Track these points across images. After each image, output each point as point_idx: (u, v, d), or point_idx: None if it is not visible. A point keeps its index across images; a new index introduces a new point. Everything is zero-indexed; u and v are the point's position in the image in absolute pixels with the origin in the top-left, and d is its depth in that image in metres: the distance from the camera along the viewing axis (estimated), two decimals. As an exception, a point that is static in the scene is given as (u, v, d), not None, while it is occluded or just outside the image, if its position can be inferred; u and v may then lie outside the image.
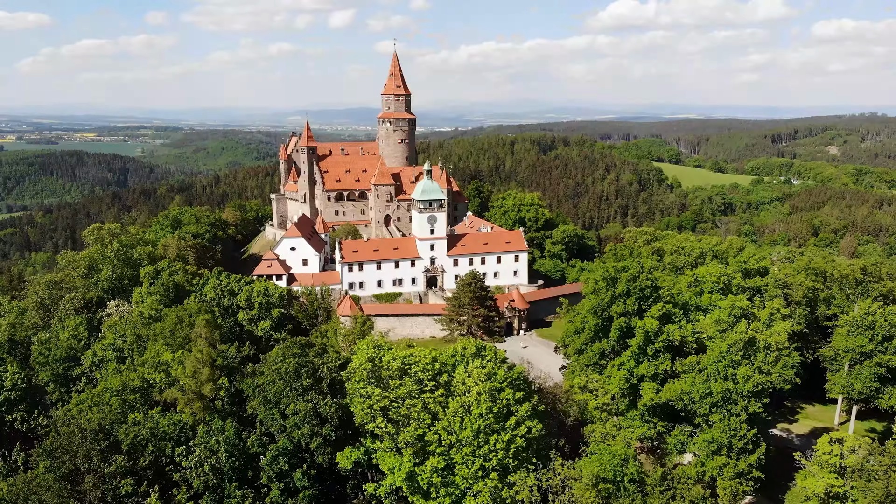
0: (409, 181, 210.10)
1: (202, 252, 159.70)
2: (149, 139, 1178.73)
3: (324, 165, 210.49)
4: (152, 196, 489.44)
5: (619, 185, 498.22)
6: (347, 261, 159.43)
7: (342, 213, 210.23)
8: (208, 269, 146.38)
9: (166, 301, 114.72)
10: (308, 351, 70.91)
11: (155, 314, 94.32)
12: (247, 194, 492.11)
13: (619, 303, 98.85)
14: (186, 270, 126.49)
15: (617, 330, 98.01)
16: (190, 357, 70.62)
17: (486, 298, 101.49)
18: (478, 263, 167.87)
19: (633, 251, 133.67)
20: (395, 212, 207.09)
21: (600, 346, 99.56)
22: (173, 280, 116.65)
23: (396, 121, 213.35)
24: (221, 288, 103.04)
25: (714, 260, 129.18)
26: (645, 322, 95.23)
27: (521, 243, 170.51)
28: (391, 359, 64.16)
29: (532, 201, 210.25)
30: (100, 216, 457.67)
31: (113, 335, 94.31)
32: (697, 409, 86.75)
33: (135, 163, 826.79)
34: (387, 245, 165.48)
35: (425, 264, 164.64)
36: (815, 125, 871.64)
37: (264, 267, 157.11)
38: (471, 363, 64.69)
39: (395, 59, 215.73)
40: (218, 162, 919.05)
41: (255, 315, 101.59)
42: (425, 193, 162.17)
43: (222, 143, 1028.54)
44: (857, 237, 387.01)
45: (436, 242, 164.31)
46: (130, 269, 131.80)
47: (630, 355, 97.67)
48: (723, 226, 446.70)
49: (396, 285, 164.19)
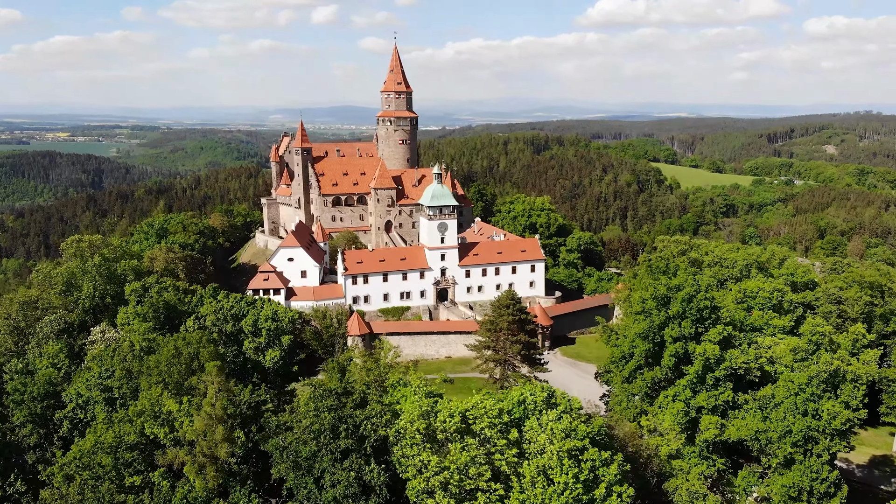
0: (412, 184, 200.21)
1: (193, 265, 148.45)
2: (124, 139, 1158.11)
3: (319, 168, 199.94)
4: (130, 199, 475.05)
5: (618, 186, 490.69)
6: (351, 273, 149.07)
7: (340, 219, 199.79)
8: (200, 283, 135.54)
9: (156, 322, 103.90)
10: (345, 401, 60.27)
11: (147, 345, 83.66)
12: (230, 197, 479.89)
13: (674, 326, 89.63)
14: (177, 287, 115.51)
15: (672, 356, 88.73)
16: (201, 414, 60.14)
17: (527, 322, 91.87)
18: (491, 274, 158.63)
19: (668, 263, 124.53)
20: (397, 217, 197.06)
21: (652, 374, 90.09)
22: (163, 299, 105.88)
23: (397, 120, 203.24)
24: (223, 312, 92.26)
25: (759, 272, 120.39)
26: (705, 348, 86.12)
27: (538, 252, 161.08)
28: (449, 415, 53.59)
29: (543, 205, 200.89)
30: (74, 220, 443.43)
31: (99, 368, 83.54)
32: (775, 449, 77.50)
33: (110, 163, 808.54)
34: (393, 255, 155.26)
35: (435, 276, 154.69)
36: (811, 124, 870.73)
37: (260, 280, 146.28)
38: (544, 415, 54.80)
39: (396, 54, 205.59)
40: (197, 162, 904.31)
41: (263, 343, 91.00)
42: (435, 199, 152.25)
43: (201, 143, 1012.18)
44: (865, 239, 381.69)
45: (447, 252, 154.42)
46: (114, 286, 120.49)
47: (686, 384, 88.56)
48: (725, 228, 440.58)
49: (404, 299, 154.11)
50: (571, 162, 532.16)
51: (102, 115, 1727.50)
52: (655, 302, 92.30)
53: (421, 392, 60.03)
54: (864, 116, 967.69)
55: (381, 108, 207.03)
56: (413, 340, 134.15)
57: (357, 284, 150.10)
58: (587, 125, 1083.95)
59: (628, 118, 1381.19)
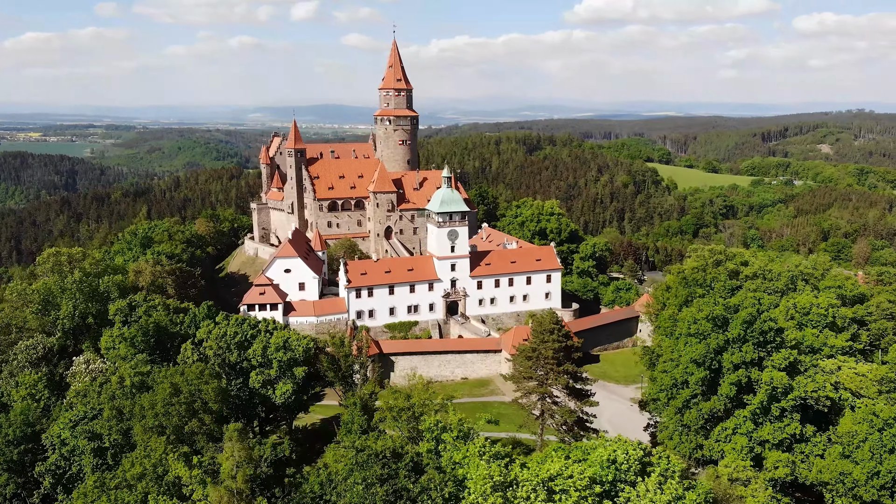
0: (413, 188, 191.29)
1: (182, 278, 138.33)
2: (99, 139, 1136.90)
3: (314, 170, 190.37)
4: (106, 202, 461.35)
5: (614, 187, 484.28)
6: (355, 285, 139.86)
7: (336, 225, 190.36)
8: (191, 299, 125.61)
9: (145, 347, 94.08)
10: (396, 466, 50.86)
11: (140, 379, 73.89)
12: (211, 199, 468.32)
13: (734, 351, 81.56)
14: (167, 305, 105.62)
15: (732, 385, 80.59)
16: (218, 488, 50.67)
17: (572, 349, 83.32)
18: (504, 285, 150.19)
19: (705, 274, 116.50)
20: (398, 223, 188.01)
21: (710, 405, 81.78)
22: (153, 320, 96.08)
23: (397, 119, 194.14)
24: (227, 340, 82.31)
25: (805, 284, 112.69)
26: (772, 375, 78.10)
27: (554, 260, 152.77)
28: (532, 489, 44.21)
29: (552, 209, 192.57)
30: (48, 224, 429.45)
31: (83, 407, 73.95)
32: (861, 492, 69.52)
33: (84, 164, 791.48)
34: (400, 265, 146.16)
35: (445, 287, 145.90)
36: (805, 123, 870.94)
37: (255, 295, 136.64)
38: (640, 484, 46.30)
39: (395, 48, 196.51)
40: (174, 163, 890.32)
41: (274, 375, 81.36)
42: (445, 204, 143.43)
43: (179, 143, 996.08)
44: (870, 241, 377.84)
45: (457, 261, 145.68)
46: (96, 304, 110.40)
47: (748, 415, 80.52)
48: (726, 230, 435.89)
49: (412, 313, 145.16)
50: (566, 162, 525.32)
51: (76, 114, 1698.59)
52: (711, 323, 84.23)
53: (487, 453, 51.15)
54: (857, 115, 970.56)
55: (380, 107, 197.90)
56: (426, 361, 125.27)
57: (361, 298, 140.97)
58: (577, 124, 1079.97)
59: (617, 117, 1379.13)
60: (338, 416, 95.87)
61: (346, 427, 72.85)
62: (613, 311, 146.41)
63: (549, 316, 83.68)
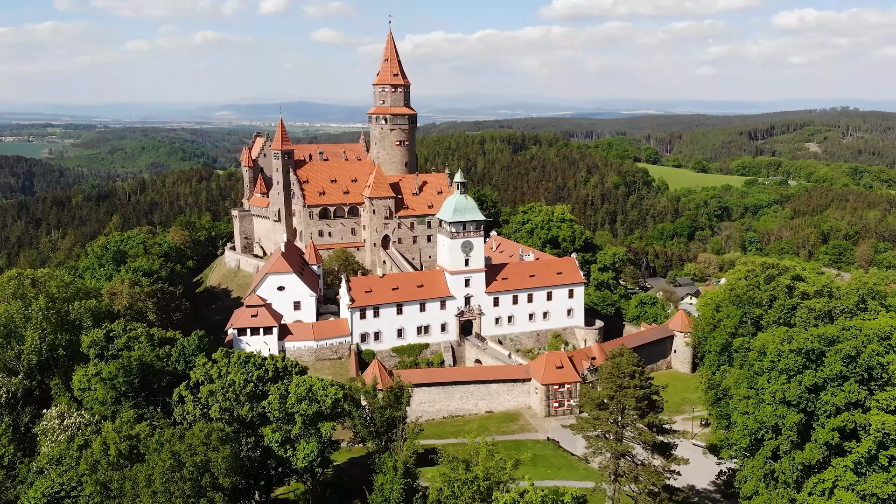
0: (412, 192, 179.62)
1: (165, 301, 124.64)
2: (57, 138, 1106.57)
3: (303, 174, 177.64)
4: (66, 206, 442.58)
5: (605, 188, 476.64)
6: (359, 304, 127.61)
7: (328, 234, 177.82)
8: (176, 325, 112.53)
9: (128, 388, 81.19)
10: None
11: (129, 444, 61.04)
12: (180, 203, 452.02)
13: (834, 390, 71.14)
14: (151, 335, 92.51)
15: (834, 430, 70.16)
16: None
17: (653, 393, 72.24)
18: (523, 302, 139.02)
19: (760, 290, 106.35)
20: (396, 231, 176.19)
21: (807, 455, 71.19)
22: (136, 356, 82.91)
23: (394, 118, 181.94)
24: (235, 390, 68.92)
25: (873, 301, 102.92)
26: (884, 420, 67.78)
27: (576, 273, 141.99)
28: None
29: (564, 215, 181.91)
30: (4, 231, 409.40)
31: (59, 477, 61.11)
32: None
33: (42, 166, 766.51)
34: (408, 281, 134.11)
35: (458, 305, 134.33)
36: (791, 121, 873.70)
37: (247, 317, 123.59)
38: None
39: (391, 40, 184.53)
40: (138, 164, 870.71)
41: (297, 433, 68.37)
42: (458, 213, 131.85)
43: (142, 143, 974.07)
44: (872, 244, 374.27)
45: (472, 276, 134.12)
46: (67, 335, 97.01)
47: (850, 466, 70.15)
48: (722, 232, 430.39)
49: (422, 334, 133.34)
50: (554, 162, 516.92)
51: (32, 112, 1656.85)
52: (803, 358, 73.78)
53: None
54: (842, 112, 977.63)
55: (374, 104, 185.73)
56: (446, 393, 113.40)
57: (366, 319, 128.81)
58: (557, 123, 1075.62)
59: (597, 115, 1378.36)
60: (363, 462, 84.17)
61: (383, 495, 61.13)
62: (647, 331, 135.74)
63: (628, 357, 72.38)
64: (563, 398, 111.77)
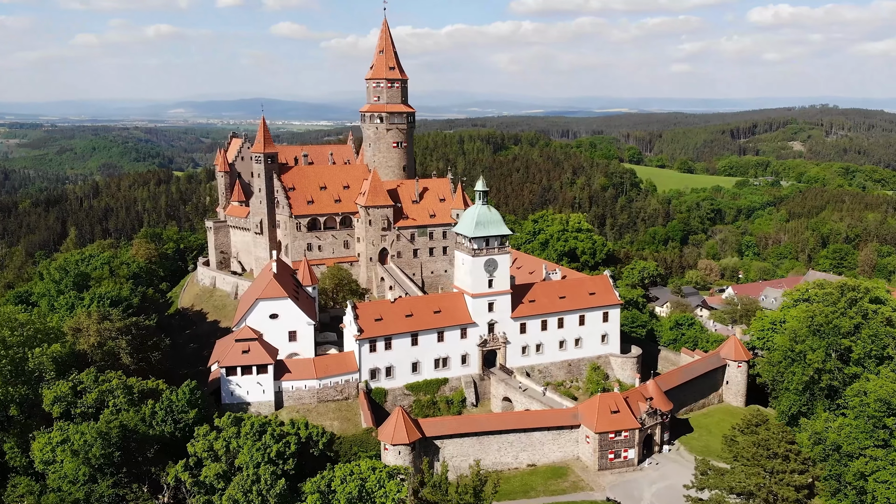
0: (411, 200, 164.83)
1: (140, 339, 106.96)
2: (1, 138, 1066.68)
3: (288, 180, 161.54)
4: (13, 213, 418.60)
5: (592, 190, 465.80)
6: (368, 335, 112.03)
7: (318, 248, 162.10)
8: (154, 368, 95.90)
9: (106, 461, 65.09)
10: None
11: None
12: (137, 208, 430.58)
13: None
14: (128, 387, 75.96)
15: None
16: None
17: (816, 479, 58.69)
18: (553, 328, 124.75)
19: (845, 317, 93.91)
20: (395, 244, 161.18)
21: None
22: (118, 422, 66.32)
23: (391, 116, 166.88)
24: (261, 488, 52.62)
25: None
26: None
27: (611, 294, 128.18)
28: None
29: (580, 225, 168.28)
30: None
31: None
32: None
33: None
34: (424, 307, 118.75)
35: (481, 332, 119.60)
36: (773, 119, 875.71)
37: (237, 354, 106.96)
38: None
39: (386, 29, 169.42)
40: (88, 165, 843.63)
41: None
42: (481, 226, 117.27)
43: (93, 142, 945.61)
44: (874, 247, 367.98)
45: (496, 299, 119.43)
46: (23, 388, 79.97)
47: None
48: (716, 236, 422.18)
49: (440, 368, 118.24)
50: (537, 163, 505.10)
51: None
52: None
53: None
54: (822, 110, 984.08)
55: (367, 101, 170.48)
56: (482, 444, 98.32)
57: (376, 352, 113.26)
58: (531, 121, 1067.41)
59: (570, 114, 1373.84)
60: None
61: None
62: (698, 361, 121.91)
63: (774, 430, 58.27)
64: (619, 448, 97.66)
